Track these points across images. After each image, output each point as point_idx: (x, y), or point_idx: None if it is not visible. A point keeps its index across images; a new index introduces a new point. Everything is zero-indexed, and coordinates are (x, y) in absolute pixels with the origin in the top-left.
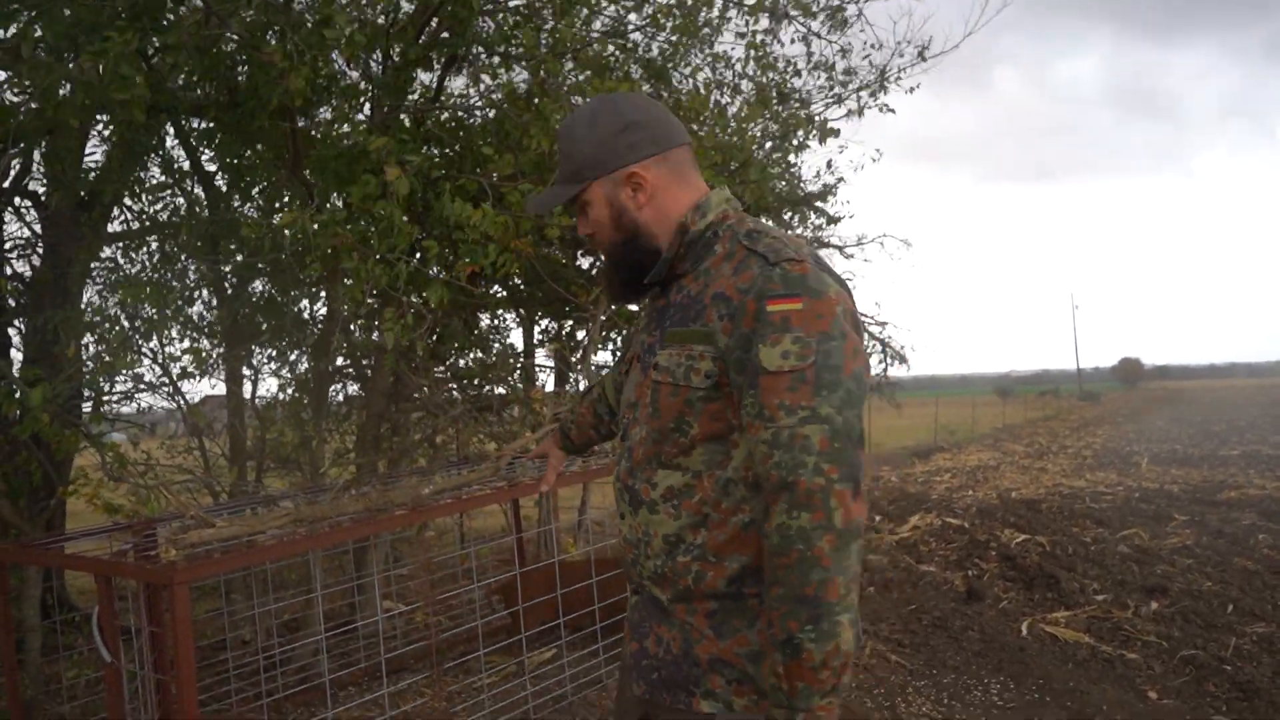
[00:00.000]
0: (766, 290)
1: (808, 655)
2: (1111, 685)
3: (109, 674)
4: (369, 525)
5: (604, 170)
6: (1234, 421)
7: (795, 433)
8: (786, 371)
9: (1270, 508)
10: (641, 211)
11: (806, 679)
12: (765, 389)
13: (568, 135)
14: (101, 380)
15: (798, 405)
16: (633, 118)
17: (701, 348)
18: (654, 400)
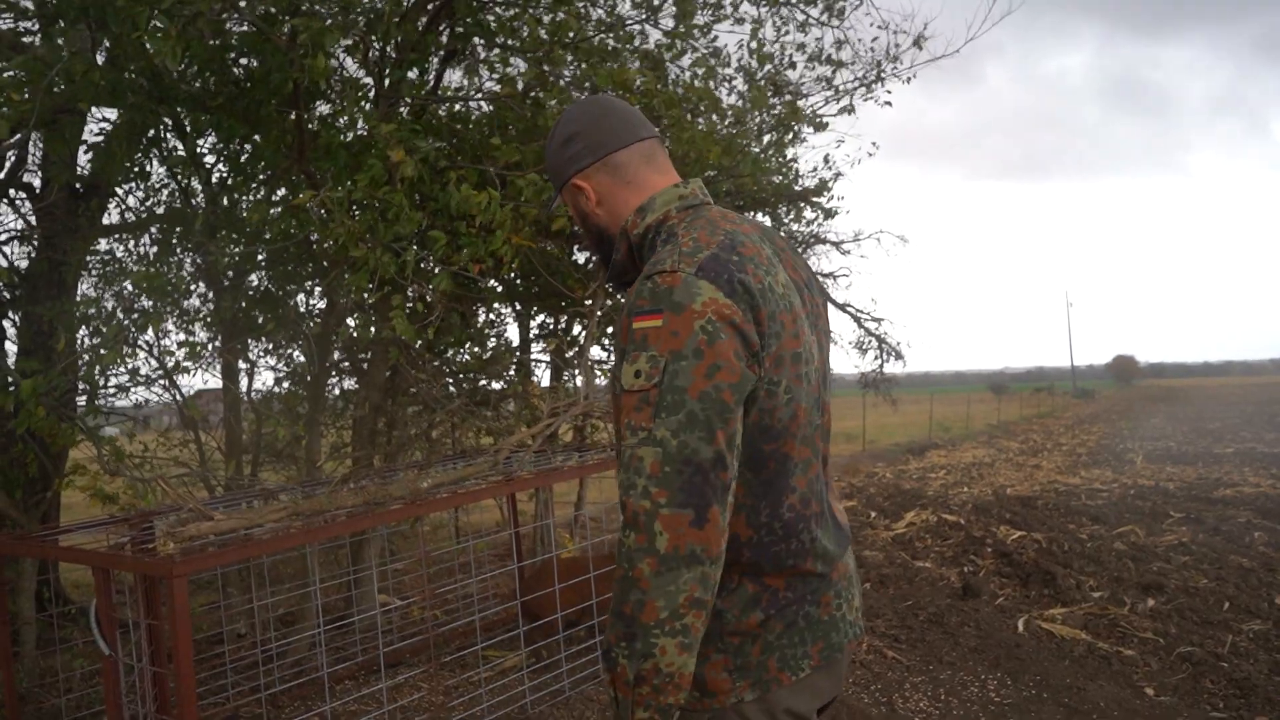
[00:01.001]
0: (634, 306)
1: (621, 670)
2: (1108, 682)
3: (107, 666)
4: (367, 519)
5: (560, 181)
6: (1228, 419)
7: (633, 453)
8: (636, 391)
9: (1266, 505)
10: (598, 216)
11: (622, 692)
12: (622, 408)
13: (549, 145)
14: (96, 373)
15: (639, 426)
16: (572, 129)
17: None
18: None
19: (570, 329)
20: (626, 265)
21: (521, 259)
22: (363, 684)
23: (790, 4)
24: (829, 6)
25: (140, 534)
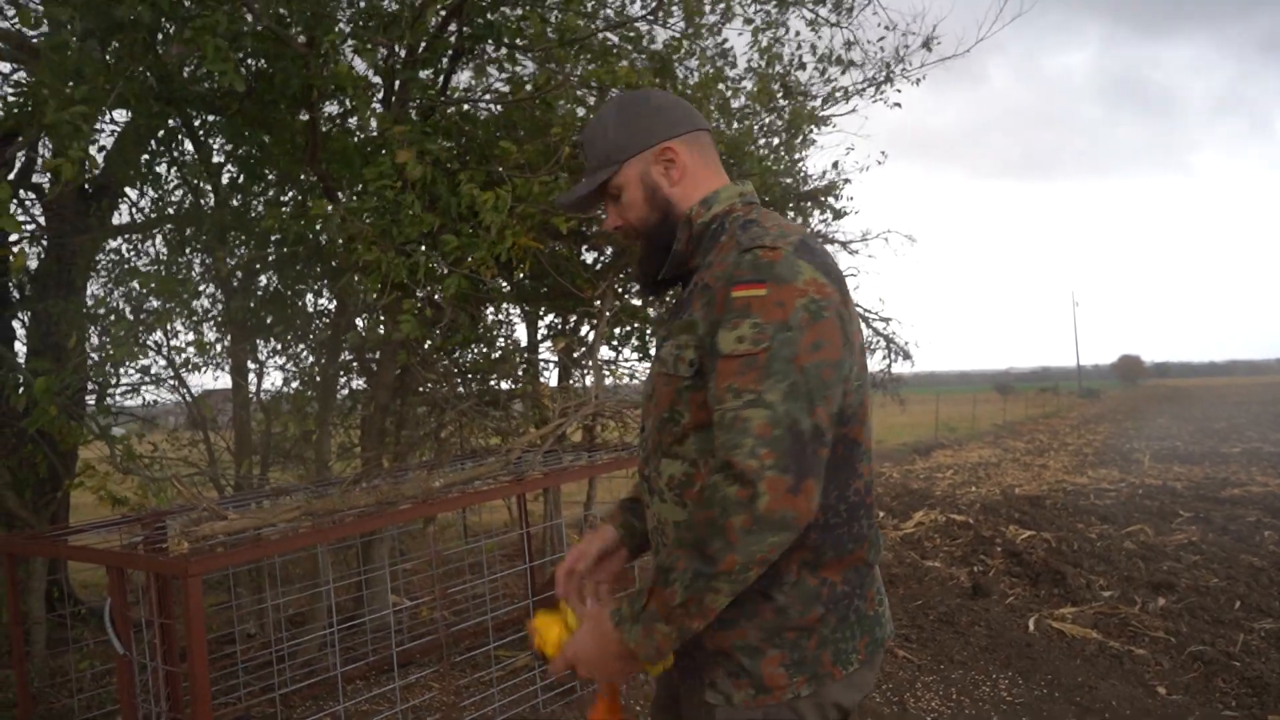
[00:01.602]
0: (735, 276)
1: (671, 593)
2: (1120, 681)
3: (121, 665)
4: (380, 518)
5: (635, 150)
6: (1235, 419)
7: (737, 415)
8: (739, 355)
9: (1275, 504)
10: (674, 188)
11: (658, 604)
12: (719, 373)
13: (593, 129)
14: (108, 372)
15: (744, 389)
16: (659, 103)
17: (686, 337)
18: (654, 391)
19: (579, 329)
20: (679, 258)
21: (530, 259)
22: (373, 684)
23: (799, 3)
24: (838, 4)
25: (153, 534)
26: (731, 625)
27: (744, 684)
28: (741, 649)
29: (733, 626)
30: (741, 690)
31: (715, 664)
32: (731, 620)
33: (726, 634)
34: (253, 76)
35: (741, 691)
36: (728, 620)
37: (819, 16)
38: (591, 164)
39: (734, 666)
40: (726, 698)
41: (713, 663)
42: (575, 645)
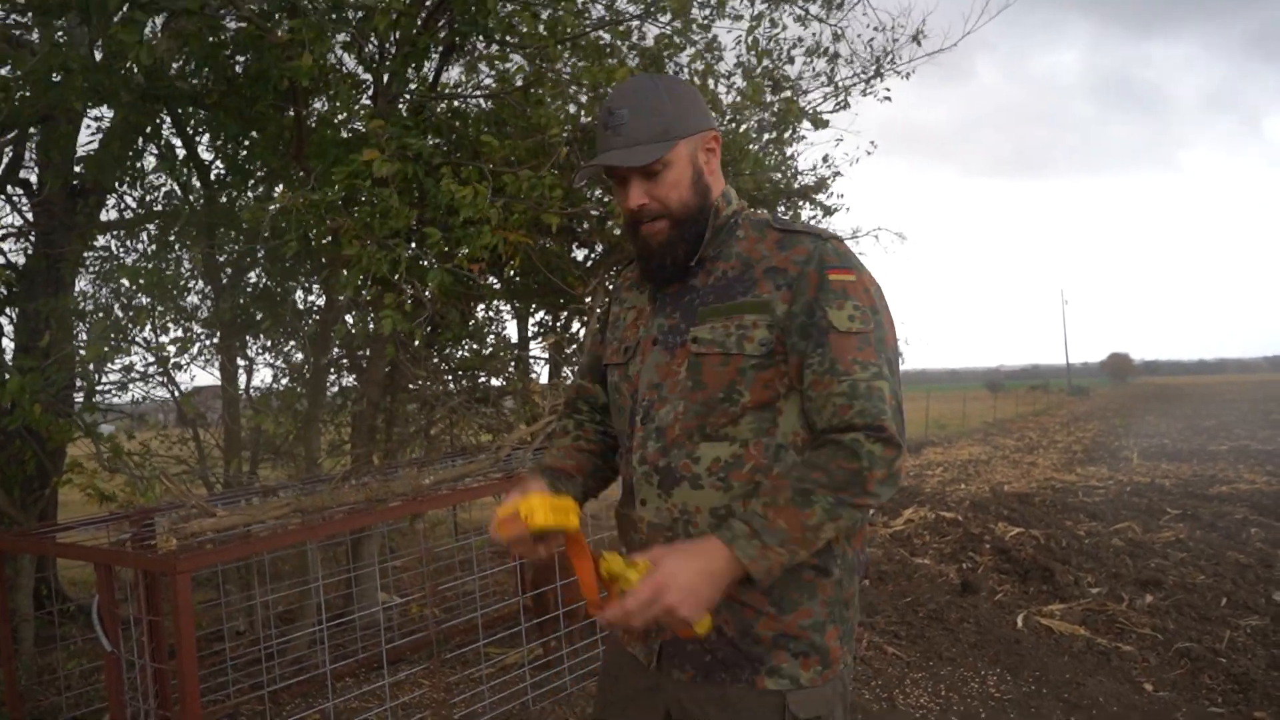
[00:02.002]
0: (826, 261)
1: (810, 514)
2: (1107, 677)
3: (109, 663)
4: (369, 515)
5: (692, 130)
6: (1223, 417)
7: (871, 385)
8: (855, 333)
9: (1261, 502)
10: (710, 177)
11: (791, 526)
12: (837, 346)
13: (644, 99)
14: (92, 369)
15: (869, 362)
16: (698, 92)
17: (755, 316)
18: (694, 373)
19: (569, 326)
20: (694, 249)
21: (520, 256)
22: (363, 681)
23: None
24: (828, 1)
25: (141, 531)
26: (796, 606)
27: (812, 661)
28: (810, 627)
29: (797, 608)
30: (810, 669)
31: (777, 649)
32: (795, 602)
33: (791, 617)
34: (238, 72)
35: (810, 670)
36: (792, 602)
37: (809, 13)
38: (645, 132)
39: (803, 646)
40: (793, 680)
41: (774, 649)
42: (668, 569)
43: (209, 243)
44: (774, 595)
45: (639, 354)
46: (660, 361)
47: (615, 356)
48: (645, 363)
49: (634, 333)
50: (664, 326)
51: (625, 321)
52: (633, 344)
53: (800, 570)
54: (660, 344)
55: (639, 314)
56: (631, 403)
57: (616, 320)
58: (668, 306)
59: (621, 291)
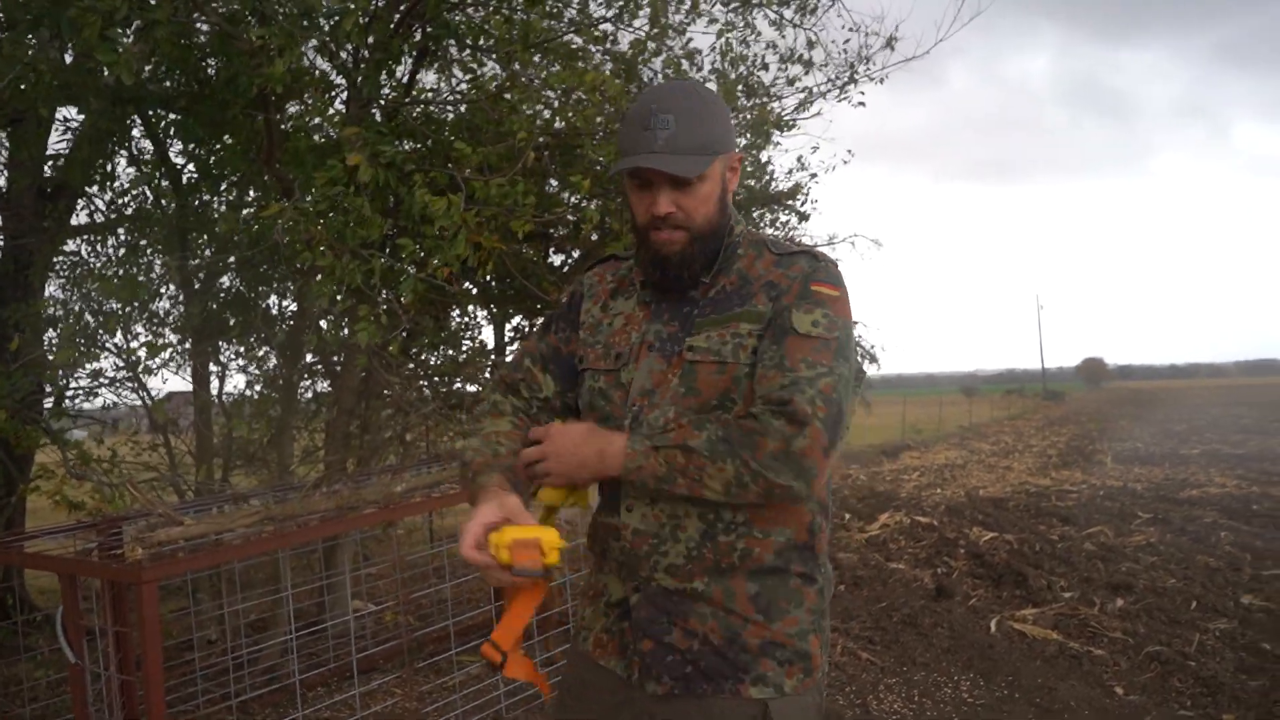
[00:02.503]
0: (814, 275)
1: (697, 435)
2: (1079, 681)
3: (73, 674)
4: (339, 524)
5: (727, 147)
6: (1195, 421)
7: (810, 380)
8: (815, 337)
9: (1231, 505)
10: (730, 195)
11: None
12: (791, 347)
13: (693, 106)
14: (61, 375)
15: (818, 363)
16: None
17: (750, 326)
18: (688, 380)
19: None
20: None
21: (494, 261)
22: (335, 690)
23: (762, 4)
24: (801, 5)
25: (107, 539)
26: (784, 615)
27: (796, 669)
28: (795, 635)
29: (785, 616)
30: (794, 676)
31: (764, 657)
32: (784, 610)
33: (779, 625)
34: (209, 77)
35: (793, 678)
36: (780, 611)
37: (783, 17)
38: (687, 144)
39: (789, 654)
40: (777, 688)
41: (760, 657)
42: (560, 434)
43: (181, 247)
44: (760, 603)
45: (632, 360)
46: (656, 369)
47: (602, 362)
48: (639, 369)
49: (625, 339)
50: (662, 334)
51: (613, 327)
52: (625, 350)
53: (787, 578)
54: (657, 350)
55: (629, 320)
56: (624, 408)
57: (598, 324)
58: (665, 314)
59: (600, 293)
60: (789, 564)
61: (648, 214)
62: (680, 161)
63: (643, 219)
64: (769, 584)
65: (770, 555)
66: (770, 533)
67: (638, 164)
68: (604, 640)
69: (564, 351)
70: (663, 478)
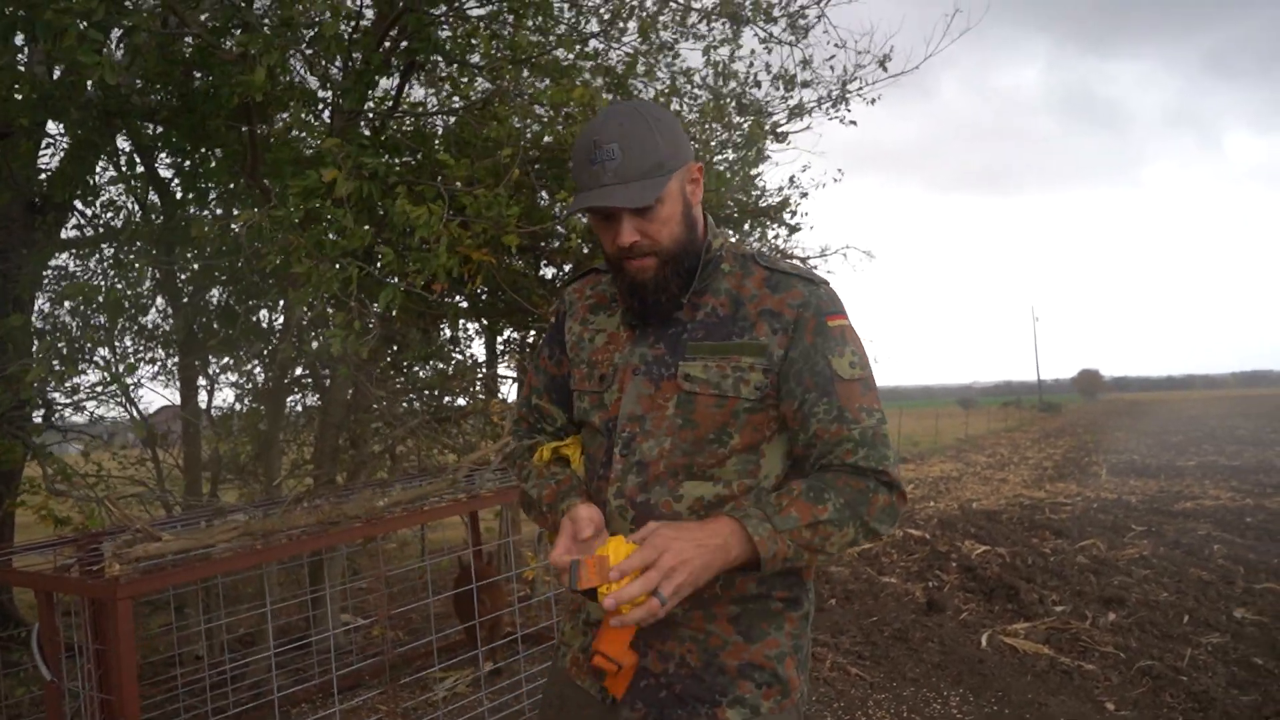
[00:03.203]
0: (823, 308)
1: (823, 509)
2: (1069, 696)
3: (50, 692)
4: (319, 539)
5: (680, 162)
6: (1191, 433)
7: (875, 431)
8: (856, 380)
9: (1225, 518)
10: (696, 209)
11: (803, 515)
12: (843, 395)
13: (636, 130)
14: (48, 389)
15: (873, 408)
16: (678, 121)
17: (752, 359)
18: (685, 411)
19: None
20: (687, 285)
21: (483, 274)
22: (319, 707)
23: (752, 21)
24: (792, 24)
25: (87, 555)
26: (764, 637)
27: (773, 691)
28: (774, 658)
29: (765, 638)
30: (771, 699)
31: (742, 679)
32: (764, 632)
33: (758, 647)
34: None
35: (770, 700)
36: (760, 632)
37: (772, 35)
38: (638, 168)
39: (766, 676)
40: (754, 709)
41: (738, 679)
42: (666, 536)
43: (168, 260)
44: (740, 624)
45: (615, 382)
46: (644, 393)
47: (587, 383)
48: (626, 393)
49: (608, 358)
50: (647, 357)
51: (595, 345)
52: (609, 372)
53: (769, 601)
54: (643, 374)
55: (611, 339)
56: (607, 433)
57: (580, 341)
58: (650, 336)
59: (579, 309)
60: (771, 590)
61: (614, 245)
62: (631, 191)
63: (611, 250)
64: (750, 607)
65: (753, 584)
66: None
67: (590, 203)
68: (580, 660)
69: (559, 375)
70: (790, 558)
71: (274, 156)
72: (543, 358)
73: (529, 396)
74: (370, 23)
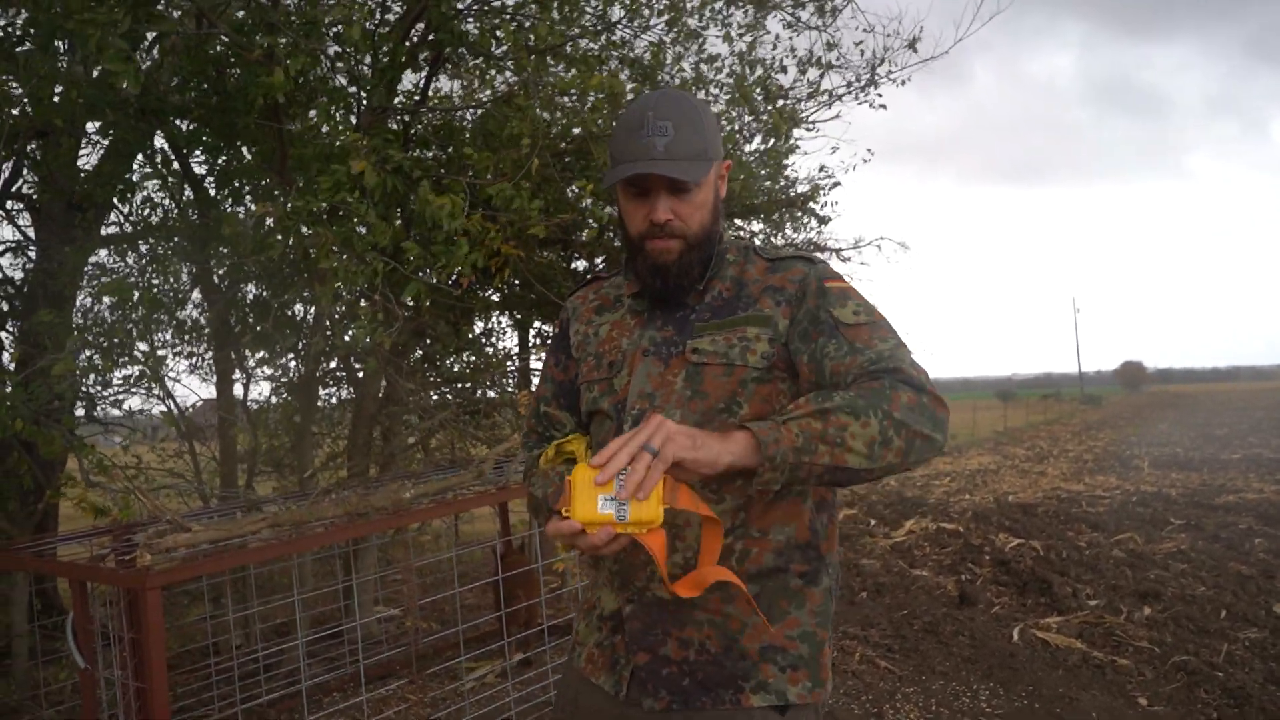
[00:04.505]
0: (823, 275)
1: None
2: (1101, 692)
3: (84, 680)
4: (345, 530)
5: (718, 155)
6: (1236, 425)
7: (893, 351)
8: (863, 324)
9: (1268, 511)
10: (721, 202)
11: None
12: (853, 336)
13: (690, 113)
14: (87, 383)
15: (886, 337)
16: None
17: (758, 330)
18: (694, 383)
19: None
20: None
21: (511, 268)
22: (351, 696)
23: (779, 6)
24: (820, 8)
25: (122, 545)
26: (784, 615)
27: (800, 676)
28: (798, 637)
29: (785, 617)
30: (799, 684)
31: (764, 662)
32: (784, 610)
33: (779, 627)
34: (220, 90)
35: (798, 685)
36: (780, 611)
37: (799, 20)
38: (686, 150)
39: (790, 659)
40: (780, 694)
41: (760, 662)
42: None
43: (203, 256)
44: (761, 604)
45: (625, 366)
46: (653, 371)
47: (596, 373)
48: (635, 373)
49: (615, 345)
50: (656, 339)
51: (600, 336)
52: (617, 358)
53: (788, 578)
54: (653, 354)
55: (616, 328)
56: (617, 415)
57: (586, 339)
58: (659, 320)
59: (584, 312)
60: (789, 563)
61: (645, 222)
62: (682, 167)
63: (639, 228)
64: (769, 585)
65: (770, 555)
66: (768, 532)
67: (639, 170)
68: (595, 656)
69: (567, 380)
70: (802, 448)
71: (298, 153)
72: (549, 366)
73: (537, 407)
74: (397, 16)
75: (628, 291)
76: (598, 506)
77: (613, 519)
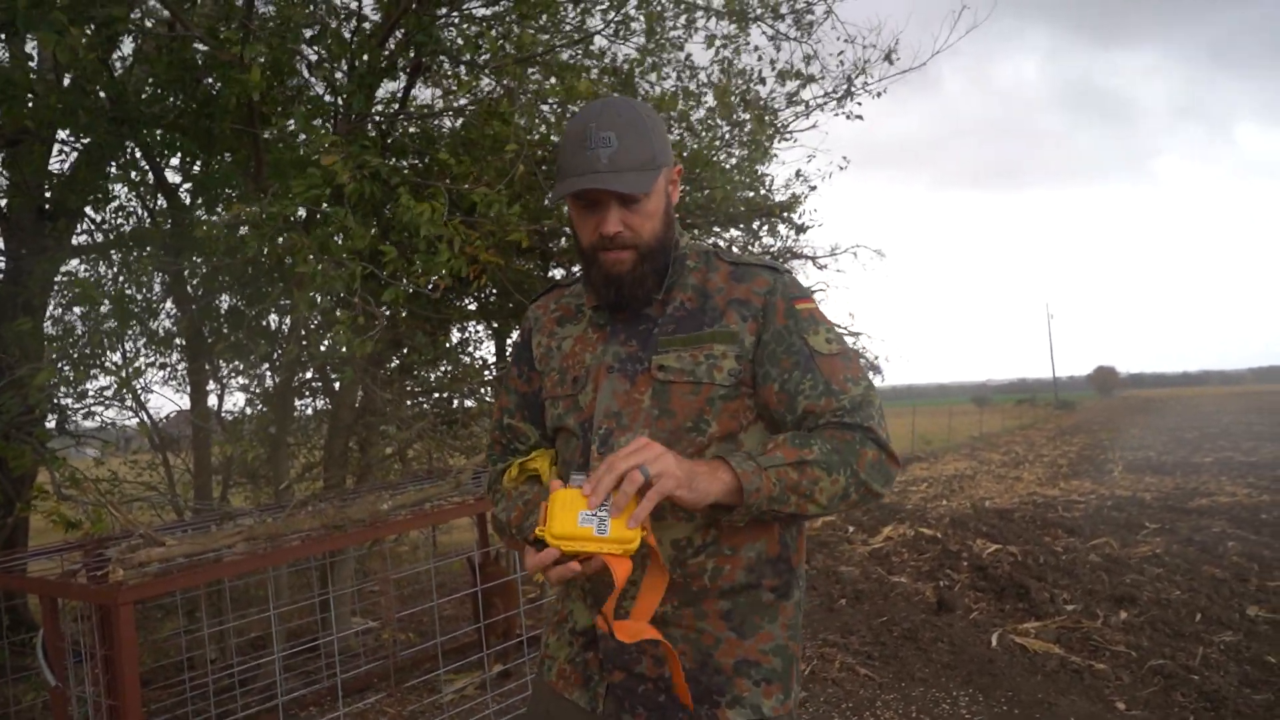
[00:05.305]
0: (789, 292)
1: (809, 451)
2: (1080, 696)
3: (54, 697)
4: (321, 543)
5: (667, 160)
6: (1207, 429)
7: (864, 398)
8: (836, 354)
9: (1240, 515)
10: (672, 208)
11: (788, 456)
12: (826, 369)
13: (633, 122)
14: (59, 394)
15: (857, 378)
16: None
17: (724, 347)
18: (661, 401)
19: None
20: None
21: (488, 275)
22: (328, 710)
23: (759, 19)
24: (798, 21)
25: (93, 560)
26: (756, 630)
27: (774, 689)
28: (770, 651)
29: (758, 631)
30: (772, 697)
31: (739, 677)
32: (756, 625)
33: (752, 641)
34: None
35: (772, 699)
36: (753, 625)
37: (779, 32)
38: (631, 161)
39: (764, 673)
40: (755, 709)
41: (735, 677)
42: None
43: (176, 264)
44: (733, 620)
45: (590, 382)
46: (619, 389)
47: (560, 389)
48: (601, 391)
49: (579, 362)
50: (620, 354)
51: (563, 351)
52: (581, 374)
53: (759, 591)
54: (618, 371)
55: (579, 343)
56: (583, 433)
57: (549, 353)
58: (621, 334)
59: (546, 323)
60: (761, 579)
61: (595, 234)
62: (627, 179)
63: (590, 240)
64: (741, 601)
65: (741, 571)
66: (739, 549)
67: (582, 185)
68: (567, 672)
69: (530, 392)
70: (775, 498)
71: (276, 158)
72: (511, 377)
73: (500, 419)
74: (374, 25)
75: (589, 304)
76: (577, 521)
77: (592, 533)
